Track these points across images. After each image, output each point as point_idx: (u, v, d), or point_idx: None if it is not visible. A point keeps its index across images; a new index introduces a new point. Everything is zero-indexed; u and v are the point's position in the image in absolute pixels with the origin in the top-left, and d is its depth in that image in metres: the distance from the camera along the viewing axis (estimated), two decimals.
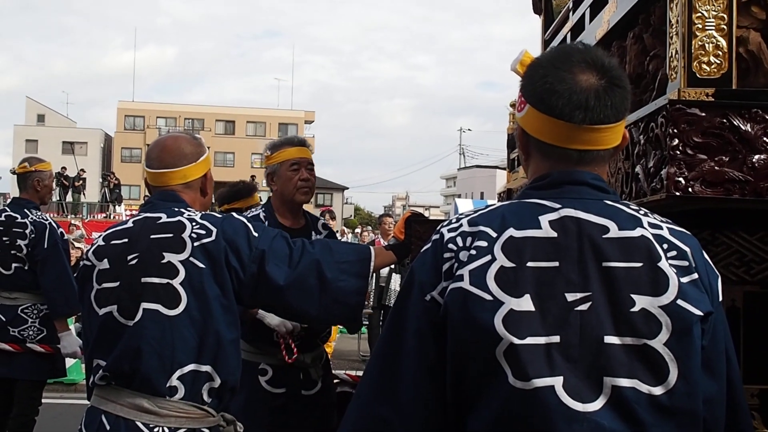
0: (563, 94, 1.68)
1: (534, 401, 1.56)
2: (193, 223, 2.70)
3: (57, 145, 54.52)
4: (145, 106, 63.53)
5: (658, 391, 1.57)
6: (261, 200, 6.03)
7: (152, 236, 2.69)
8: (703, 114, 2.37)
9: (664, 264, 1.63)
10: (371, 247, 3.04)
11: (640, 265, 1.62)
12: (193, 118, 63.00)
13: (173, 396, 2.60)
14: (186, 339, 2.60)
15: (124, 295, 2.65)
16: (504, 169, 7.07)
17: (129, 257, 2.68)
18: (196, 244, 2.66)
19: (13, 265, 5.50)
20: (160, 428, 2.58)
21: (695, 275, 1.65)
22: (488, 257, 1.64)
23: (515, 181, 5.72)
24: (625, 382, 1.56)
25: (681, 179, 2.35)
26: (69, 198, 34.45)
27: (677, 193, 2.34)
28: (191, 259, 2.64)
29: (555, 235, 1.64)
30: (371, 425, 1.73)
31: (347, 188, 72.46)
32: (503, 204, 1.77)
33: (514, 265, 1.62)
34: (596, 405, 1.56)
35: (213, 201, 4.23)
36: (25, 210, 5.60)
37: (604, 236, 1.64)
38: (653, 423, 1.57)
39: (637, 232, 1.65)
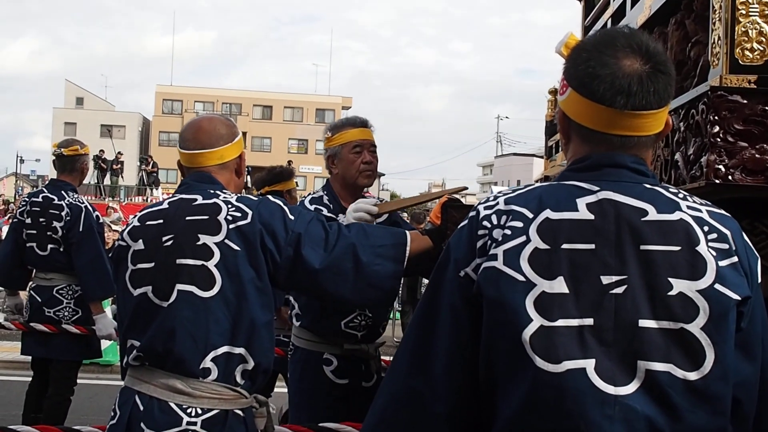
0: (605, 79, 1.67)
1: (565, 383, 1.56)
2: (229, 206, 2.70)
3: (95, 128, 55.12)
4: (183, 90, 63.94)
5: (693, 376, 1.56)
6: (297, 185, 6.05)
7: (188, 218, 2.70)
8: (745, 101, 2.34)
9: (702, 248, 1.61)
10: (407, 232, 3.01)
11: (678, 248, 1.61)
12: (230, 103, 63.29)
13: (206, 377, 2.62)
14: (220, 321, 2.61)
15: (159, 276, 2.66)
16: (541, 157, 7.02)
17: (164, 238, 2.69)
18: (231, 226, 2.66)
19: (49, 246, 5.56)
20: (194, 409, 2.60)
21: (735, 258, 1.64)
22: (523, 238, 1.64)
23: (552, 168, 5.69)
24: (659, 366, 1.56)
25: (721, 167, 2.32)
26: (107, 181, 34.79)
27: (717, 181, 2.31)
28: (226, 241, 2.64)
29: (592, 217, 1.64)
30: (404, 396, 1.75)
31: (383, 174, 72.46)
32: (541, 185, 1.76)
33: (548, 247, 1.62)
34: (629, 389, 1.55)
35: (250, 185, 4.20)
36: (62, 192, 5.64)
37: (642, 219, 1.63)
38: (688, 408, 1.56)
39: (675, 216, 1.64)
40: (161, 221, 2.74)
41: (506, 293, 1.61)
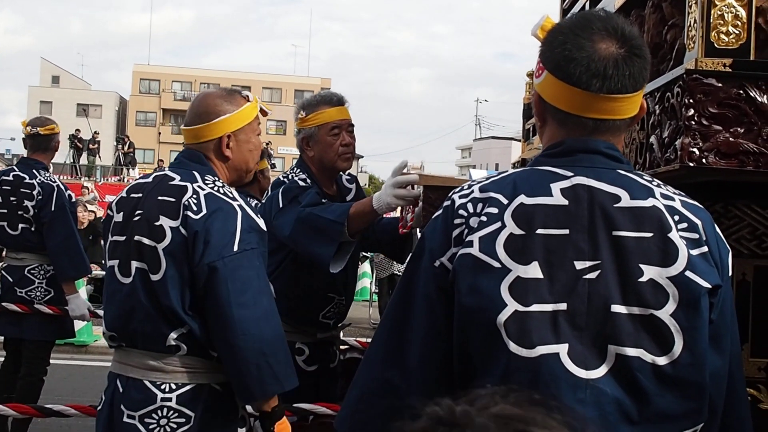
0: (581, 62, 1.67)
1: (538, 368, 1.57)
2: (193, 195, 2.62)
3: (71, 107, 54.63)
4: (161, 70, 63.47)
5: (662, 361, 1.58)
6: (275, 167, 5.97)
7: (159, 197, 2.66)
8: (720, 84, 2.34)
9: (674, 235, 1.62)
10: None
11: (650, 235, 1.62)
12: (208, 83, 62.75)
13: (177, 353, 2.60)
14: (173, 302, 2.57)
15: (125, 251, 2.65)
16: (519, 140, 7.02)
17: (136, 212, 2.66)
18: (184, 212, 2.59)
19: (20, 225, 5.48)
20: (167, 385, 2.59)
21: (705, 248, 1.65)
22: (498, 224, 1.64)
23: (530, 151, 5.69)
24: (629, 351, 1.57)
25: (695, 150, 2.32)
26: (83, 161, 34.51)
27: (691, 164, 2.32)
28: (180, 228, 2.59)
29: (566, 203, 1.64)
30: (378, 388, 1.74)
31: (362, 157, 72.34)
32: (515, 171, 1.76)
33: (523, 232, 1.62)
34: (599, 372, 1.57)
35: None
36: (34, 170, 5.56)
37: (615, 205, 1.63)
38: (656, 392, 1.58)
39: (649, 203, 1.65)
40: (140, 195, 2.71)
41: (482, 279, 1.61)
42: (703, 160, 2.33)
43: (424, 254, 1.73)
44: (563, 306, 1.58)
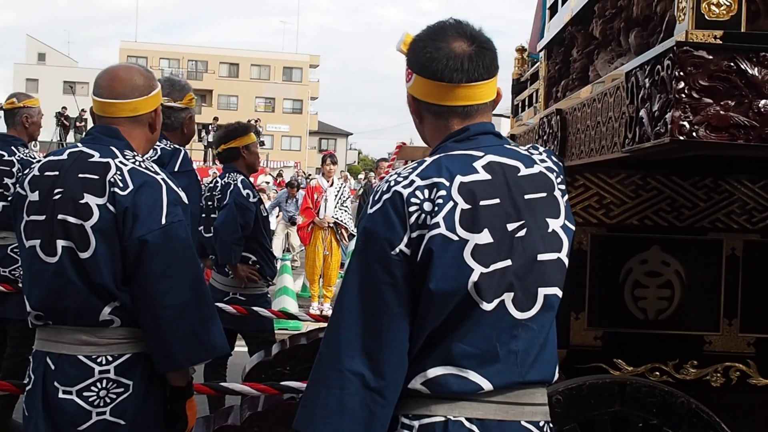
0: (441, 60, 2.00)
1: (494, 318, 1.90)
2: (118, 171, 2.61)
3: (58, 84, 54.23)
4: (148, 47, 63.05)
5: (560, 293, 1.99)
6: (264, 144, 5.96)
7: (80, 174, 2.62)
8: (710, 57, 2.33)
9: (557, 192, 2.01)
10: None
11: (545, 194, 1.99)
12: (196, 60, 62.62)
13: (110, 326, 2.60)
14: (105, 277, 2.57)
15: (47, 230, 2.61)
16: (508, 116, 7.00)
17: (55, 191, 2.63)
18: (111, 189, 2.58)
19: (1, 204, 5.41)
20: (103, 357, 2.59)
21: (567, 196, 2.04)
22: (451, 203, 1.90)
23: (519, 126, 5.68)
24: (550, 290, 1.97)
25: (685, 123, 2.31)
26: (70, 138, 34.35)
27: (681, 138, 2.31)
28: (108, 204, 2.57)
29: (490, 177, 1.94)
30: (348, 383, 1.87)
31: (351, 134, 72.27)
32: (434, 158, 1.99)
33: (470, 206, 1.90)
34: (531, 312, 1.94)
35: (210, 142, 4.23)
36: (12, 147, 5.48)
37: (518, 174, 1.98)
38: (537, 319, 1.95)
39: (536, 169, 2.01)
40: (57, 173, 2.66)
41: (451, 253, 1.87)
42: (694, 134, 2.31)
43: (375, 246, 1.90)
44: (509, 262, 1.91)
